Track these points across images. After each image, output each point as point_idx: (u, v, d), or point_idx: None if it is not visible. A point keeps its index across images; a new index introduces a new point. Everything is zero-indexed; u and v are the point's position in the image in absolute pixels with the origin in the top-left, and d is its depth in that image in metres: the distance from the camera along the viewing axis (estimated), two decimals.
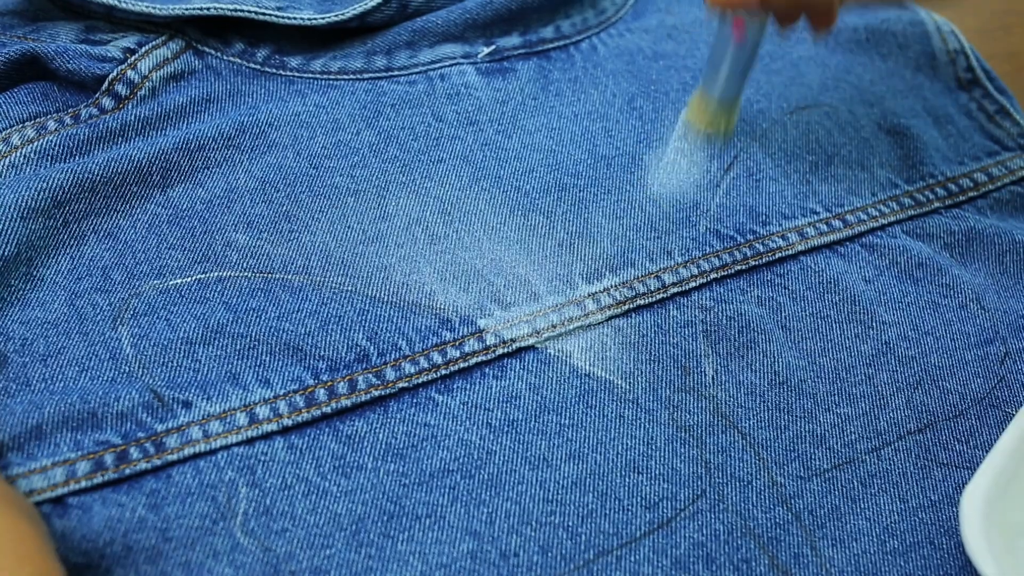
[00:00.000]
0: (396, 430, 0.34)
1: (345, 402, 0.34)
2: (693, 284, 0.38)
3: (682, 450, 0.35)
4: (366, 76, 0.42)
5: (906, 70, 0.47)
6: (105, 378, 0.33)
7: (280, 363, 0.34)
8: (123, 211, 0.37)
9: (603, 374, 0.36)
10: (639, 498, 0.33)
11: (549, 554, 0.32)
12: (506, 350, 0.35)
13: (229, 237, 0.37)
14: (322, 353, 0.34)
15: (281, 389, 0.33)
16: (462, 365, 0.35)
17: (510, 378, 0.35)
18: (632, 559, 0.32)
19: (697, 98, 0.40)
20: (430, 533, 0.32)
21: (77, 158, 0.37)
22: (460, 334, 0.36)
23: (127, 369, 0.33)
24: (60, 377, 0.33)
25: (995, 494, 0.33)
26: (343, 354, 0.34)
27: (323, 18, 0.41)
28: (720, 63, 0.38)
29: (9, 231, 0.34)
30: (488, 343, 0.35)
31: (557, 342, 0.36)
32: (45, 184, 0.35)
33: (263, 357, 0.34)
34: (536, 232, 0.39)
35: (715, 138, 0.41)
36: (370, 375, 0.34)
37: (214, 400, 0.33)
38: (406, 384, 0.34)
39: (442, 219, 0.39)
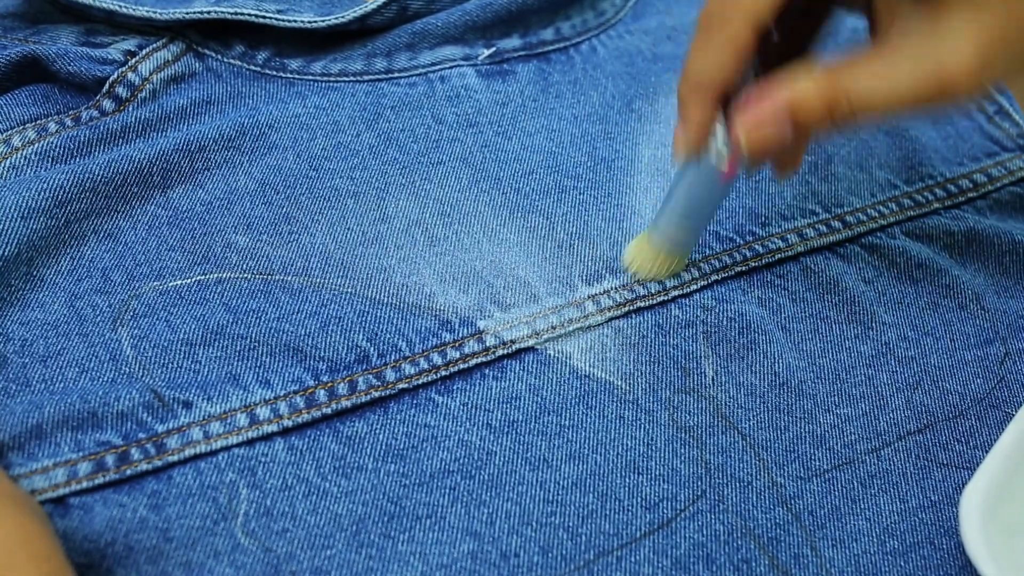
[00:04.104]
0: (396, 431, 0.34)
1: (345, 403, 0.34)
2: (693, 286, 0.38)
3: (682, 451, 0.35)
4: (366, 78, 0.42)
5: None
6: (105, 379, 0.33)
7: (280, 364, 0.34)
8: (123, 212, 0.37)
9: (603, 375, 0.36)
10: (639, 499, 0.33)
11: (549, 554, 0.32)
12: (506, 351, 0.36)
13: (229, 238, 0.37)
14: (322, 354, 0.34)
15: (281, 390, 0.33)
16: (462, 366, 0.35)
17: (510, 379, 0.35)
18: (632, 559, 0.32)
19: (643, 243, 0.37)
20: (430, 534, 0.32)
21: (78, 159, 0.37)
22: (460, 335, 0.36)
23: (127, 370, 0.33)
24: (60, 378, 0.33)
25: (994, 494, 0.33)
26: (343, 355, 0.35)
27: (323, 21, 0.42)
28: (687, 204, 0.35)
29: (10, 231, 0.34)
30: (488, 344, 0.36)
31: (557, 343, 0.36)
32: (46, 185, 0.35)
33: (263, 358, 0.34)
34: (536, 234, 0.39)
35: (656, 278, 0.38)
36: (370, 376, 0.34)
37: (215, 401, 0.33)
38: (406, 385, 0.34)
39: (442, 221, 0.39)
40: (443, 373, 0.35)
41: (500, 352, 0.35)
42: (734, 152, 0.32)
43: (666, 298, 0.38)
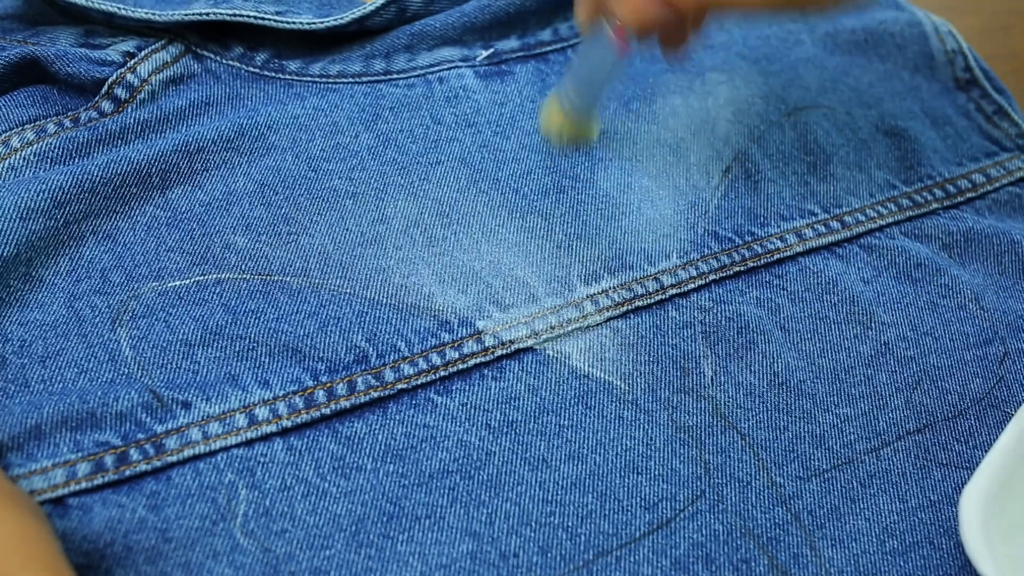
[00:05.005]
0: (395, 431, 0.34)
1: (344, 403, 0.34)
2: (691, 286, 0.38)
3: (681, 451, 0.35)
4: (365, 79, 0.42)
5: (904, 71, 0.47)
6: (104, 379, 0.33)
7: (279, 364, 0.34)
8: (122, 213, 0.37)
9: (602, 375, 0.36)
10: (638, 499, 0.33)
11: (549, 555, 0.32)
12: (505, 351, 0.36)
13: (228, 239, 0.37)
14: (321, 355, 0.34)
15: (280, 390, 0.33)
16: (461, 367, 0.35)
17: (509, 379, 0.35)
18: (632, 559, 0.32)
19: (551, 105, 0.39)
20: (430, 534, 0.32)
21: (76, 160, 0.37)
22: (459, 335, 0.36)
23: (126, 371, 0.33)
24: (59, 379, 0.33)
25: (994, 494, 0.33)
26: (342, 355, 0.35)
27: (322, 22, 0.42)
28: (587, 73, 0.37)
29: (8, 231, 0.34)
30: (487, 344, 0.36)
31: (555, 343, 0.36)
32: (44, 185, 0.35)
33: (262, 359, 0.34)
34: (534, 234, 0.39)
35: (572, 146, 0.40)
36: (369, 376, 0.34)
37: (213, 401, 0.33)
38: (405, 385, 0.34)
39: (440, 221, 0.39)
40: (442, 373, 0.35)
41: (499, 352, 0.35)
42: (621, 29, 0.34)
43: (664, 297, 0.38)
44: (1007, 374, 0.38)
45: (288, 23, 0.41)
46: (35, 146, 0.37)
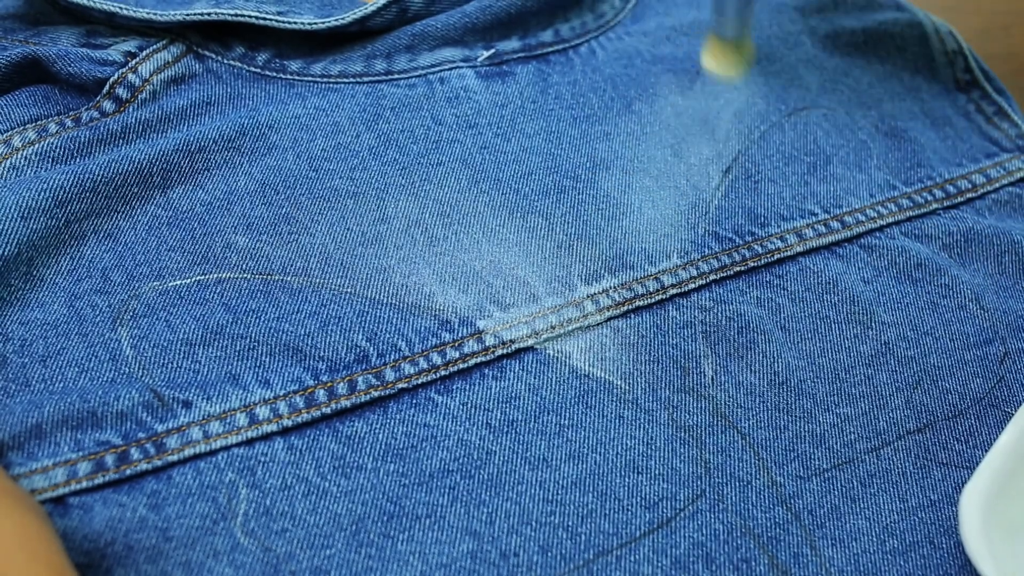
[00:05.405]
0: (396, 430, 0.34)
1: (345, 403, 0.34)
2: (692, 286, 0.38)
3: (682, 450, 0.35)
4: (366, 79, 0.42)
5: (904, 72, 0.47)
6: (105, 379, 0.33)
7: (280, 364, 0.34)
8: (123, 212, 0.37)
9: (602, 375, 0.36)
10: (639, 498, 0.33)
11: (549, 554, 0.32)
12: (505, 351, 0.36)
13: (229, 239, 0.37)
14: (322, 354, 0.34)
15: (281, 390, 0.33)
16: (461, 366, 0.35)
17: (509, 379, 0.35)
18: (632, 559, 0.32)
19: (709, 42, 0.44)
20: (430, 533, 0.32)
21: (78, 160, 0.37)
22: (459, 335, 0.36)
23: (127, 370, 0.33)
24: (60, 378, 0.33)
25: (994, 493, 0.33)
26: (343, 355, 0.35)
27: (323, 22, 0.42)
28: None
29: (10, 231, 0.34)
30: (487, 344, 0.36)
31: (556, 343, 0.36)
32: (46, 185, 0.35)
33: (263, 358, 0.34)
34: (535, 234, 0.39)
35: (733, 76, 0.44)
36: (370, 376, 0.34)
37: (214, 400, 0.33)
38: (405, 385, 0.34)
39: (441, 221, 0.39)
40: (443, 373, 0.35)
41: (499, 352, 0.35)
42: None
43: (664, 297, 0.38)
44: (1007, 374, 0.39)
45: (289, 23, 0.41)
46: (36, 145, 0.37)
